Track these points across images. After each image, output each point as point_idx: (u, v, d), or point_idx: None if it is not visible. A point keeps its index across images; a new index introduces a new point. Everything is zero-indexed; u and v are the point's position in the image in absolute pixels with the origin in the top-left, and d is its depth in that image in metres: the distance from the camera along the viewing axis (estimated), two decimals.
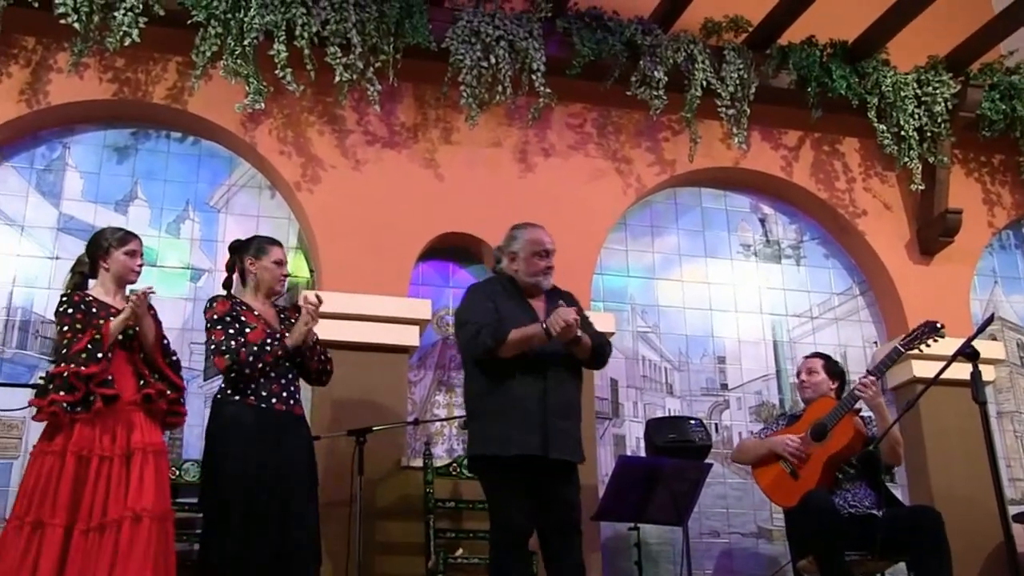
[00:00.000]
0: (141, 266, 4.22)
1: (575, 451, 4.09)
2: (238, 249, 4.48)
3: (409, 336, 5.56)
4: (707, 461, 5.23)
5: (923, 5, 6.04)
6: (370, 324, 5.41)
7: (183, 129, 5.88)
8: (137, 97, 5.65)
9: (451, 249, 6.03)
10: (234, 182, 5.90)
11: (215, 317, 4.19)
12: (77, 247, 5.46)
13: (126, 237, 4.19)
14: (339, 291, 5.39)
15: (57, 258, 5.48)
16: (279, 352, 4.16)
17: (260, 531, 3.93)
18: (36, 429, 5.10)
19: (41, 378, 4.95)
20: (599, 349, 4.23)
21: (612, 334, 5.71)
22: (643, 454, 5.59)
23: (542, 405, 3.98)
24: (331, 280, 5.50)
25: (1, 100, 5.44)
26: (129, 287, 4.20)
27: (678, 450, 5.19)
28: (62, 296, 4.05)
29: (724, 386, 6.32)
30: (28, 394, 4.99)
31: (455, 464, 5.33)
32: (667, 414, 6.04)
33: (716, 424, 6.19)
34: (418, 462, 5.29)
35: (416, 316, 5.60)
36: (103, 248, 4.15)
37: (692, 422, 5.45)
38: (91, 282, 4.21)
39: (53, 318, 4.03)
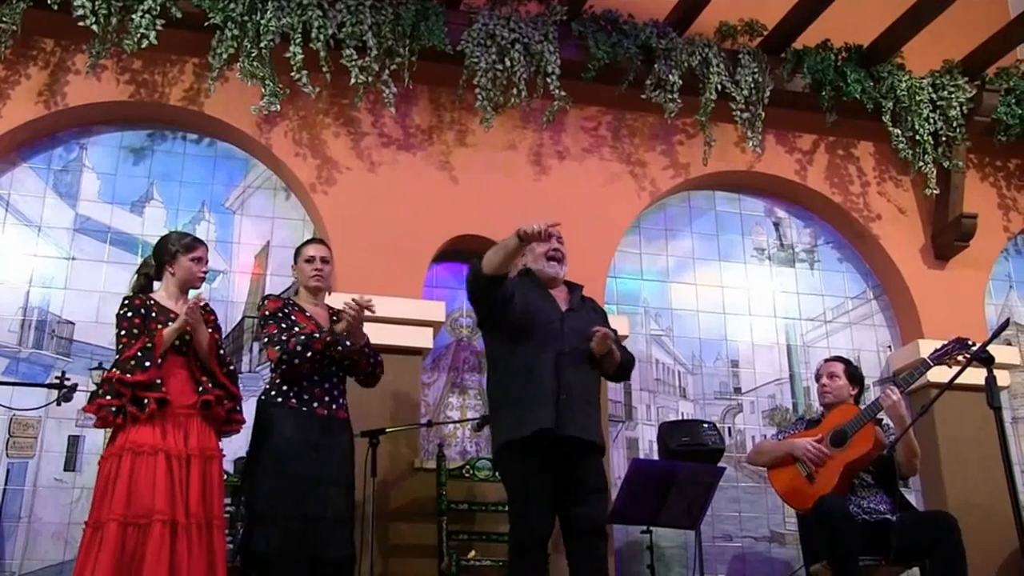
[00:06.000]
0: (206, 272, 4.27)
1: (592, 432, 4.04)
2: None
3: (423, 338, 5.58)
4: (720, 465, 5.22)
5: (939, 9, 6.02)
6: (384, 326, 5.39)
7: (199, 131, 5.91)
8: (154, 99, 5.68)
9: (465, 251, 6.01)
10: (250, 184, 5.92)
11: (266, 313, 4.29)
12: (93, 248, 5.54)
13: (193, 243, 4.22)
14: (353, 292, 5.38)
15: (73, 259, 5.51)
16: (327, 338, 4.18)
17: (296, 535, 3.98)
18: (51, 428, 5.17)
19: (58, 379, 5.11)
20: (627, 365, 4.31)
21: (625, 337, 5.71)
22: (656, 457, 5.59)
23: (555, 385, 3.97)
24: (345, 282, 5.51)
25: (19, 101, 5.48)
26: (192, 292, 4.22)
27: (691, 454, 5.18)
28: (124, 298, 4.10)
29: (737, 390, 6.31)
30: (43, 393, 5.08)
31: (468, 466, 5.34)
32: (680, 418, 6.04)
33: (729, 428, 6.18)
34: (431, 464, 5.30)
35: (430, 318, 5.62)
36: (170, 253, 4.18)
37: (705, 426, 5.44)
38: (156, 285, 4.24)
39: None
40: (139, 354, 3.88)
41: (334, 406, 4.29)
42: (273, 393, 4.23)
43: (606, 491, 4.13)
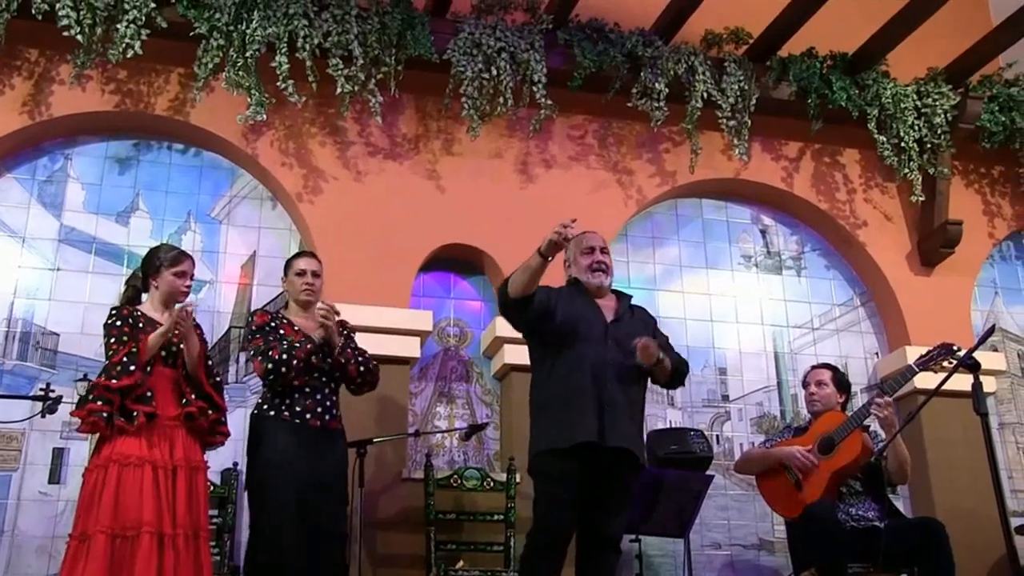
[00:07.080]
0: (190, 287, 4.26)
1: (633, 444, 4.04)
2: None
3: (410, 347, 5.56)
4: (708, 473, 5.23)
5: (923, 17, 6.05)
6: (371, 335, 5.38)
7: (185, 140, 5.89)
8: (139, 109, 5.66)
9: (452, 260, 6.03)
10: (236, 193, 5.90)
11: (253, 328, 4.34)
12: (78, 258, 5.51)
13: (178, 257, 4.22)
14: (340, 302, 5.36)
15: (58, 269, 5.48)
16: (308, 347, 4.21)
17: (298, 545, 4.02)
18: (36, 441, 5.13)
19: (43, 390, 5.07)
20: (680, 371, 4.27)
21: None
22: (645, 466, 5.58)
23: (596, 395, 3.96)
24: (332, 291, 5.48)
25: (3, 112, 5.45)
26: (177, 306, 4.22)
27: (679, 461, 5.19)
28: (111, 309, 4.11)
29: (725, 397, 6.31)
30: (27, 405, 5.04)
31: (456, 476, 5.32)
32: (668, 426, 6.03)
33: (717, 435, 6.18)
34: (419, 474, 5.29)
35: (417, 327, 5.60)
36: (154, 266, 4.19)
37: (693, 433, 5.44)
38: (143, 297, 4.24)
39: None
40: (125, 359, 3.88)
41: (327, 417, 4.33)
42: (266, 407, 4.27)
43: (629, 506, 4.13)
